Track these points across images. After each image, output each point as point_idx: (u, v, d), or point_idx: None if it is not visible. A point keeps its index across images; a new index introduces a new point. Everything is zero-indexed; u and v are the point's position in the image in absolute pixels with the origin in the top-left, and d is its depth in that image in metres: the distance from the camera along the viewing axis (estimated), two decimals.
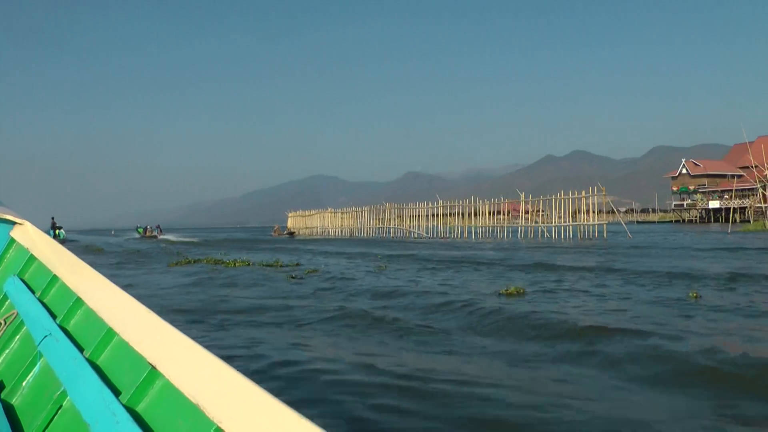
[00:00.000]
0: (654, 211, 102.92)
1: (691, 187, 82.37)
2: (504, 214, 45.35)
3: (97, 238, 70.73)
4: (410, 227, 51.67)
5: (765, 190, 52.30)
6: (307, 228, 67.51)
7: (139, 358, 1.96)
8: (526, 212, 43.86)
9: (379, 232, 55.49)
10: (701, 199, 79.68)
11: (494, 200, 45.66)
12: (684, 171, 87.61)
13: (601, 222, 37.07)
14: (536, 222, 41.51)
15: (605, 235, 35.47)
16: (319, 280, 14.01)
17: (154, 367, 1.87)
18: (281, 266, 18.23)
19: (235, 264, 18.95)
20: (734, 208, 66.11)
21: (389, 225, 54.44)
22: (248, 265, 18.72)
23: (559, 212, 39.14)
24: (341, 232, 60.51)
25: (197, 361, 1.72)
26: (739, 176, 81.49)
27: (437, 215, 50.41)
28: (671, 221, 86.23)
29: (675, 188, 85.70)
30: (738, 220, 65.78)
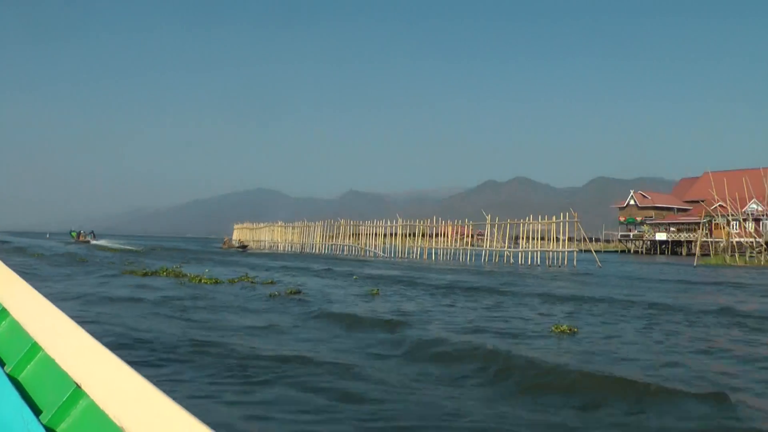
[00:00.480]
0: (597, 240, 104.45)
1: (638, 219, 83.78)
2: (467, 236, 45.06)
3: (32, 241, 68.60)
4: (366, 245, 49.50)
5: (711, 225, 53.06)
6: (254, 241, 65.31)
7: (63, 376, 1.86)
8: (478, 236, 44.11)
9: (331, 249, 53.27)
10: (648, 231, 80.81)
11: (458, 222, 44.40)
12: (632, 202, 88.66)
13: (572, 249, 35.85)
14: (502, 246, 40.02)
15: (575, 263, 34.16)
16: (319, 305, 11.91)
17: (79, 386, 1.77)
18: (253, 283, 16.00)
19: (200, 280, 16.75)
20: (680, 241, 67.02)
21: (343, 242, 52.13)
22: (216, 282, 16.37)
23: (502, 237, 40.18)
24: (291, 247, 58.37)
25: (124, 382, 1.63)
26: (686, 210, 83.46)
27: (396, 234, 48.48)
28: (617, 251, 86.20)
29: (622, 218, 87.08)
30: (684, 253, 67.02)
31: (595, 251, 37.67)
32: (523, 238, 39.49)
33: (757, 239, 43.89)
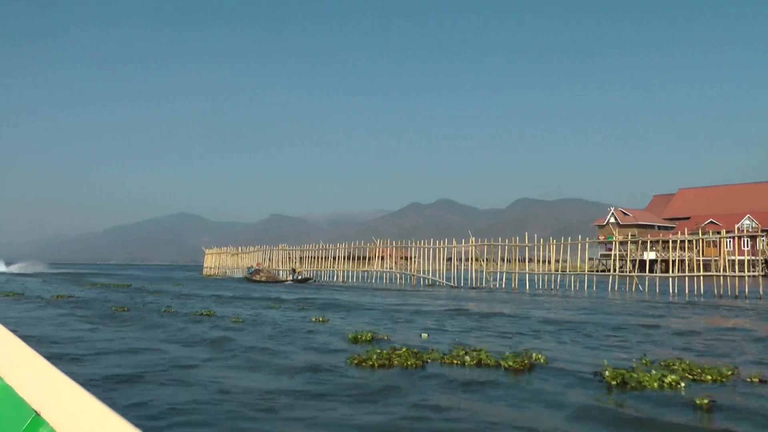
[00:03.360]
0: (557, 261, 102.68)
1: (620, 237, 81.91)
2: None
3: None
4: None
5: (702, 243, 52.00)
6: (230, 268, 60.25)
7: (22, 404, 1.83)
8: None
9: (364, 277, 46.56)
10: (635, 250, 79.98)
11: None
12: (612, 219, 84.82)
13: (586, 272, 34.23)
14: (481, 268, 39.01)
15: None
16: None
17: (38, 414, 1.76)
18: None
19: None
20: (670, 260, 66.02)
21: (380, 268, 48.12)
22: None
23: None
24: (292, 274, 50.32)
25: (84, 408, 1.63)
26: (668, 228, 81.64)
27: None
28: (593, 271, 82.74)
29: (602, 237, 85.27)
30: (676, 272, 65.85)
31: (573, 272, 37.37)
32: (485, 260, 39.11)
33: (756, 257, 43.57)
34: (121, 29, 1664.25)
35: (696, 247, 43.19)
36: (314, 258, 49.50)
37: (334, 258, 47.84)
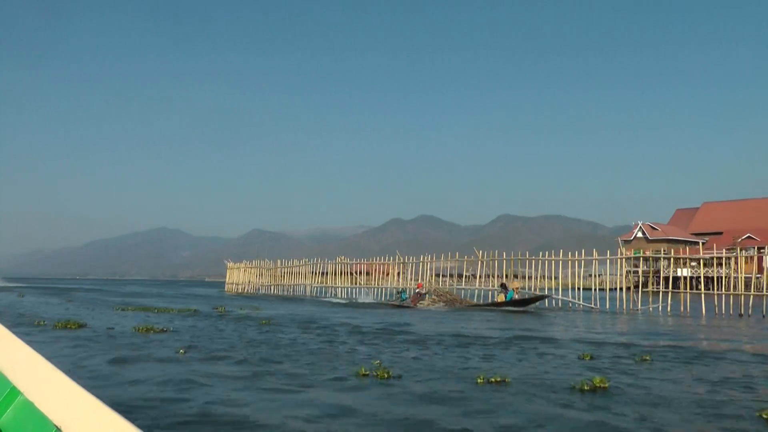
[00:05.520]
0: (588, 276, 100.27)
1: (647, 252, 79.81)
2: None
3: None
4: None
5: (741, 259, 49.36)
6: (266, 285, 51.81)
7: (44, 420, 1.87)
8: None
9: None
10: (666, 266, 77.48)
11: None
12: (640, 234, 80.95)
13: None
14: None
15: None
16: None
17: (59, 429, 1.80)
18: None
19: None
20: (705, 278, 64.26)
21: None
22: None
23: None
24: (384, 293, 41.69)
25: (105, 424, 1.67)
26: (694, 243, 77.95)
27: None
28: (618, 288, 79.78)
29: (628, 252, 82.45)
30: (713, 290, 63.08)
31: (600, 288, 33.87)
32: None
33: None
34: (102, 34, 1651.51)
35: (735, 264, 41.51)
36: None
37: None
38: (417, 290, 32.69)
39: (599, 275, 36.89)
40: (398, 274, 41.85)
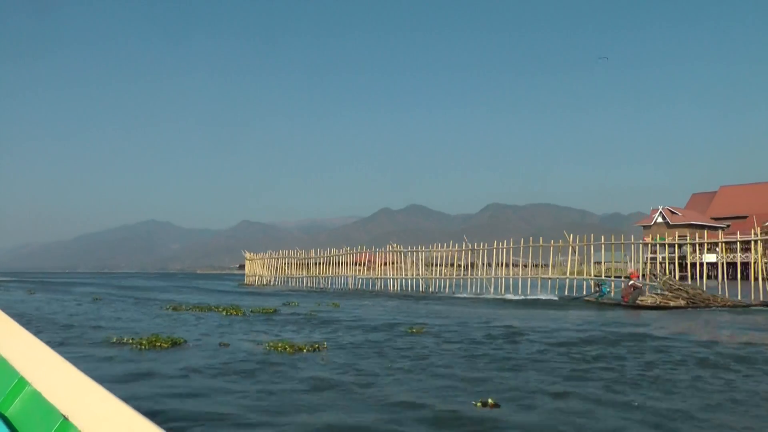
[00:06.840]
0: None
1: (669, 238, 76.85)
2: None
3: None
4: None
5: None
6: (298, 278, 47.79)
7: (51, 409, 1.87)
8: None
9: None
10: (692, 253, 75.20)
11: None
12: (660, 220, 77.96)
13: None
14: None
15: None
16: None
17: (66, 419, 1.79)
18: None
19: None
20: (732, 264, 61.47)
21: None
22: None
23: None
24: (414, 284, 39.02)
25: (112, 412, 1.66)
26: (716, 228, 74.02)
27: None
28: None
29: (647, 239, 79.65)
30: (739, 278, 60.37)
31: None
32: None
33: None
34: (90, 25, 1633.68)
35: (764, 249, 40.58)
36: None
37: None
38: (631, 282, 25.76)
39: (619, 262, 35.64)
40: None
